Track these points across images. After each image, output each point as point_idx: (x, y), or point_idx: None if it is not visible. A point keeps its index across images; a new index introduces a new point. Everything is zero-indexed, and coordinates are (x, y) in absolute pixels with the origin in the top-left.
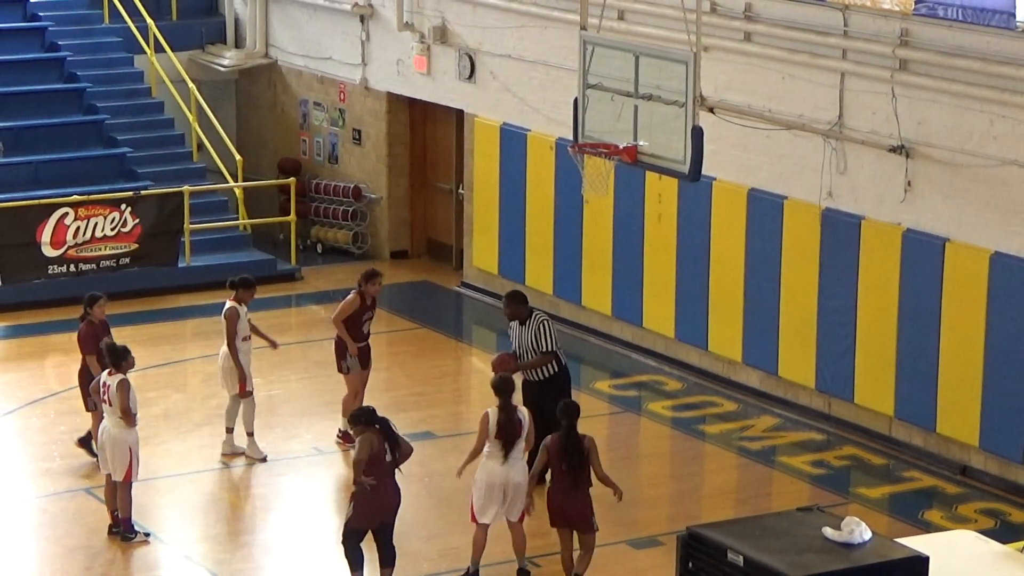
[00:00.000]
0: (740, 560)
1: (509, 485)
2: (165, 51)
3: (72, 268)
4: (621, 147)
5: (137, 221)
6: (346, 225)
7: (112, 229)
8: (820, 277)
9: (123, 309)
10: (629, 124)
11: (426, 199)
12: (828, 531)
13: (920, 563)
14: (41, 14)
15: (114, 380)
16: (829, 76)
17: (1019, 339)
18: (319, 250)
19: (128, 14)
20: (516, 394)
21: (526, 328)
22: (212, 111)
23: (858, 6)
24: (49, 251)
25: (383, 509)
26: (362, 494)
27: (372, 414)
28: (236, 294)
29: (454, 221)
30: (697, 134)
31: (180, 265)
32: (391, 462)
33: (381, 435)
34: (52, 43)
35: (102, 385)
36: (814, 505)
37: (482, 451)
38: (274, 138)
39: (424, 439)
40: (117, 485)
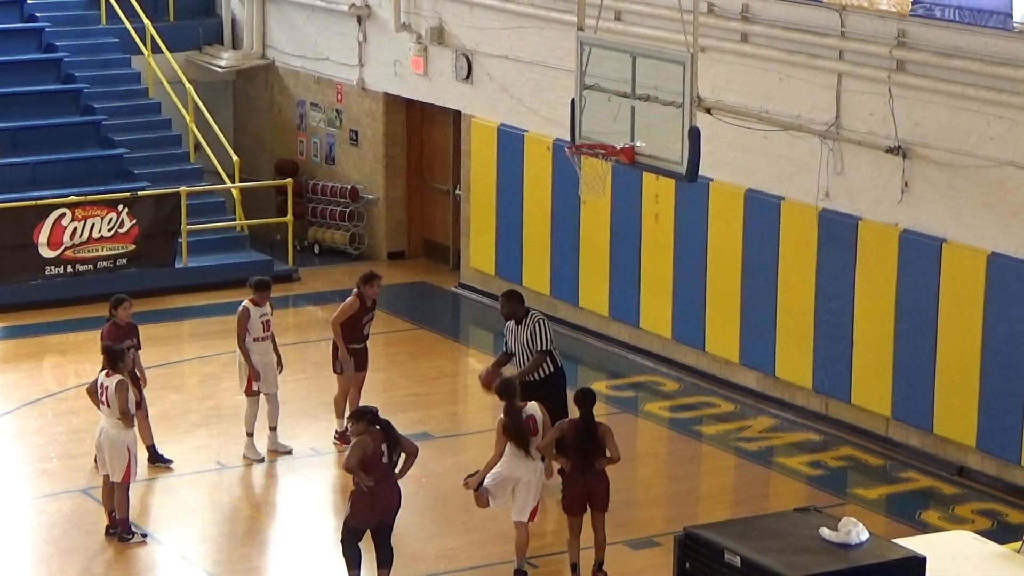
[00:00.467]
0: (737, 561)
1: (520, 482)
2: (162, 52)
3: (69, 269)
4: (618, 148)
5: (134, 222)
6: (343, 226)
7: (109, 230)
8: (817, 278)
9: None
10: (626, 125)
11: (423, 200)
12: (825, 532)
13: (917, 564)
14: (38, 15)
15: (112, 381)
16: (826, 77)
17: (1016, 339)
18: (316, 251)
19: (125, 15)
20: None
21: (522, 327)
22: (209, 112)
23: (855, 7)
24: (46, 252)
25: (381, 509)
26: (360, 494)
27: (375, 414)
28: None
29: (451, 222)
30: (694, 135)
31: (177, 266)
32: (389, 464)
33: (381, 436)
34: (49, 44)
35: (100, 386)
36: (811, 506)
37: (501, 457)
38: (271, 139)
39: (421, 440)
40: (115, 486)
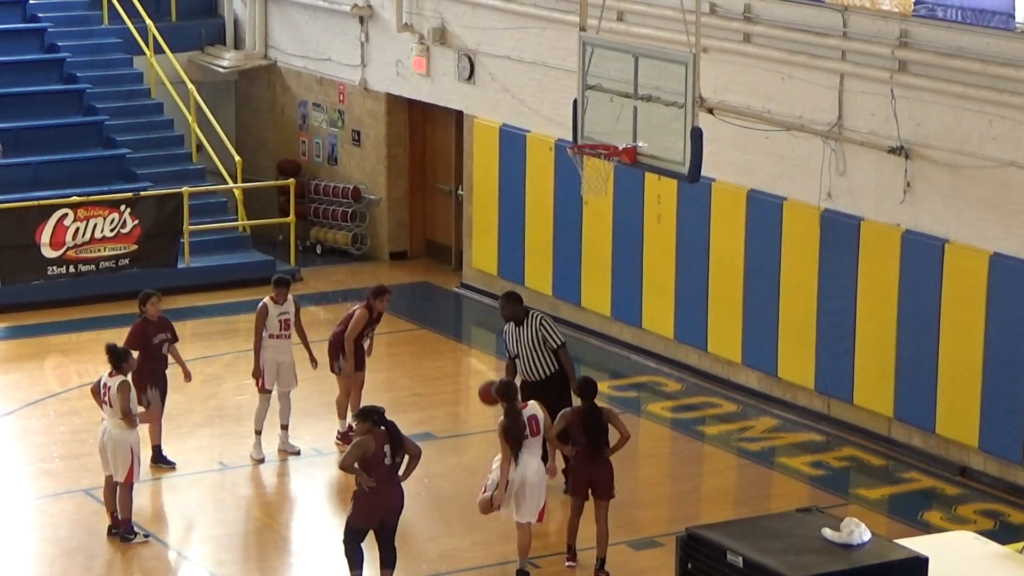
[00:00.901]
0: (739, 561)
1: (524, 484)
2: (164, 52)
3: (71, 269)
4: (620, 148)
5: (136, 222)
6: (345, 226)
7: (111, 230)
8: (819, 278)
9: (122, 310)
10: (628, 125)
11: (425, 200)
12: (827, 532)
13: (919, 564)
14: (40, 15)
15: (115, 381)
16: (828, 77)
17: (1018, 340)
18: (318, 251)
19: (128, 15)
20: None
21: (524, 328)
22: (211, 112)
23: (857, 7)
24: (48, 252)
25: (383, 510)
26: (362, 494)
27: (382, 415)
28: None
29: (453, 222)
30: (696, 135)
31: (179, 266)
32: (391, 465)
33: (385, 437)
34: (52, 44)
35: (103, 386)
36: (813, 506)
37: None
38: (273, 139)
39: (424, 440)
40: (118, 486)
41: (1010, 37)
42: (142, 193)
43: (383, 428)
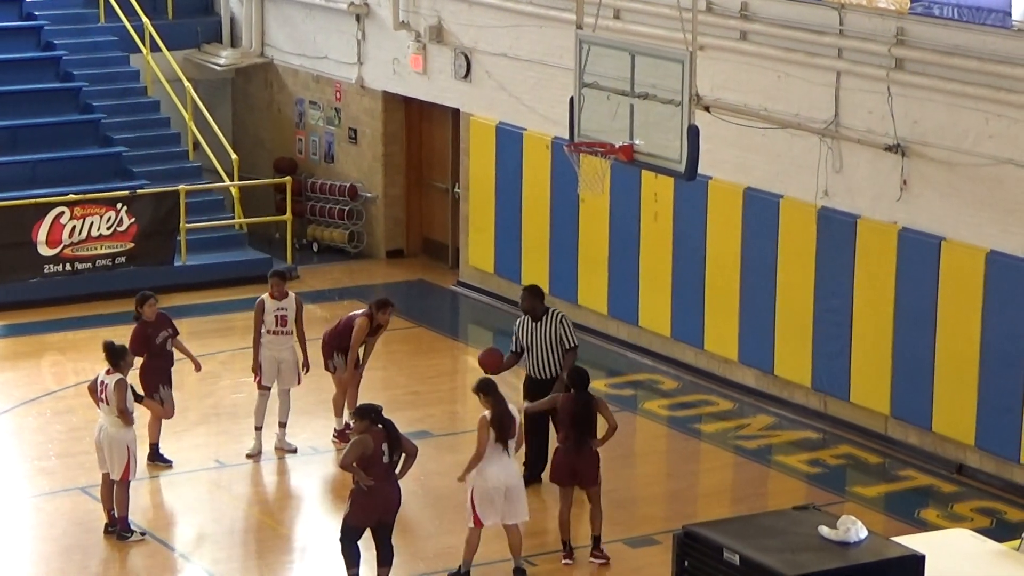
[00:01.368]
0: (736, 559)
1: (508, 490)
2: (161, 50)
3: (68, 267)
4: (617, 146)
5: (133, 220)
6: (342, 224)
7: (108, 228)
8: (816, 276)
9: (119, 308)
10: (625, 123)
11: (422, 198)
12: (824, 530)
13: (916, 562)
14: (37, 13)
15: (111, 379)
16: (825, 75)
17: (1015, 337)
18: (315, 249)
19: (124, 13)
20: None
21: (542, 324)
22: (208, 110)
23: (854, 5)
24: (45, 250)
25: (380, 508)
26: (359, 492)
27: (379, 413)
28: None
29: (450, 220)
30: (693, 133)
31: (176, 264)
32: (389, 463)
33: (382, 436)
34: (48, 42)
35: (99, 384)
36: (810, 504)
37: (483, 455)
38: (270, 137)
39: (420, 438)
40: (115, 484)
41: (1006, 35)
42: (138, 191)
43: (381, 426)
